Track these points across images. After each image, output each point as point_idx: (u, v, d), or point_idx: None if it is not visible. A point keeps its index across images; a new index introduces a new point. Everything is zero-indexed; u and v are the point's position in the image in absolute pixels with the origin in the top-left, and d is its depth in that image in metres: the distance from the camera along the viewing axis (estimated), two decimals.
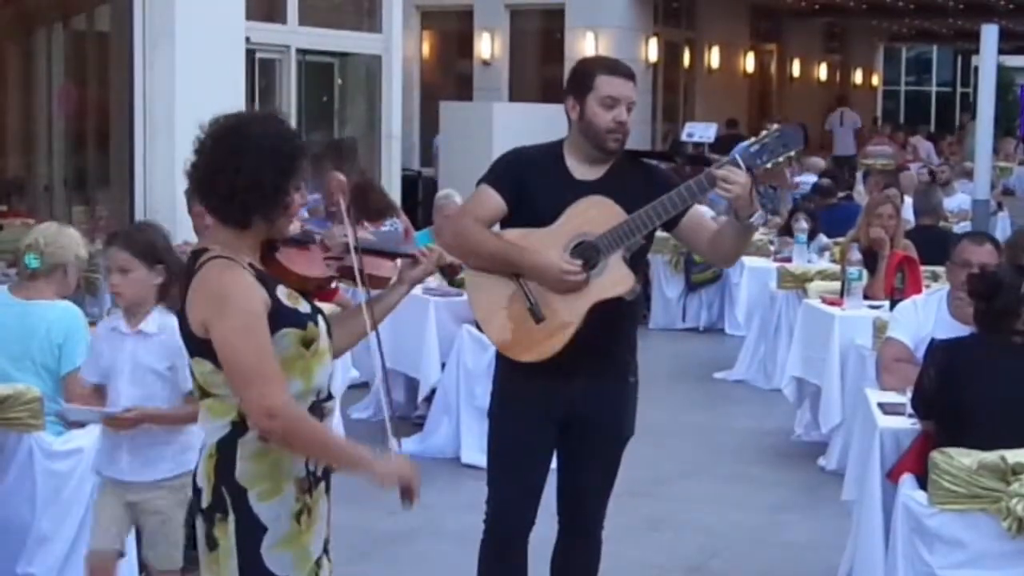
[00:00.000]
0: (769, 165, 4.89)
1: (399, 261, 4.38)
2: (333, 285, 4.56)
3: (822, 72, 32.47)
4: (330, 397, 4.03)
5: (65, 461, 6.10)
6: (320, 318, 3.96)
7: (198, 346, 3.83)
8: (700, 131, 19.97)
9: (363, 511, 6.93)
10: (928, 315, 6.75)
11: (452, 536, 7.28)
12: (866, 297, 9.06)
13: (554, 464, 5.22)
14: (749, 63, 27.61)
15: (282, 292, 3.87)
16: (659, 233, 5.11)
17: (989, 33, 12.36)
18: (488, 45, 22.72)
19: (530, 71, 23.28)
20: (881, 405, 6.22)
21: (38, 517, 6.05)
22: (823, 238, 12.48)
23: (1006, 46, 25.91)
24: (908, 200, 13.26)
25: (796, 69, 30.41)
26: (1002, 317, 5.58)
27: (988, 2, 26.34)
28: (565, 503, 5.26)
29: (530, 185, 4.99)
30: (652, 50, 23.20)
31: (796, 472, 8.91)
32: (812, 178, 17.64)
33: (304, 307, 3.92)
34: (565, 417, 5.07)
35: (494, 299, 4.97)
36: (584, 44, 21.41)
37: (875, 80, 37.20)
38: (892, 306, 7.94)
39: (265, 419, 3.74)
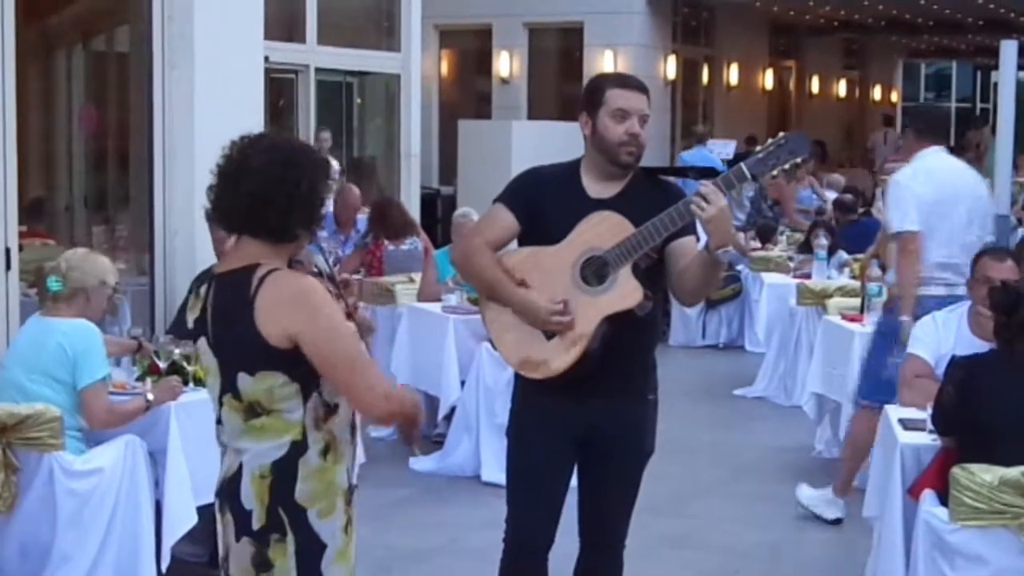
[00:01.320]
0: (775, 172, 4.84)
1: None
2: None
3: (841, 88, 32.42)
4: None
5: (86, 480, 6.13)
6: None
7: (270, 359, 3.85)
8: (719, 148, 19.97)
9: (384, 529, 6.94)
10: (949, 331, 6.74)
11: (473, 554, 7.27)
12: None
13: (575, 482, 5.23)
14: (768, 80, 27.60)
15: None
16: None
17: (1008, 49, 12.33)
18: (507, 63, 22.73)
19: (549, 89, 23.29)
20: (902, 421, 6.21)
21: (59, 536, 6.09)
22: (843, 254, 12.46)
23: None
24: None
25: (815, 86, 30.37)
26: (1022, 331, 5.57)
27: (1007, 18, 26.30)
28: (586, 521, 5.25)
29: (545, 204, 5.00)
30: (671, 67, 23.20)
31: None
32: (833, 195, 17.64)
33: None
34: (584, 435, 5.07)
35: (507, 317, 4.99)
36: (603, 62, 21.41)
37: (894, 96, 37.12)
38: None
39: (385, 402, 3.91)
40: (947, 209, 7.70)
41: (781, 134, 4.91)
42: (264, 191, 3.85)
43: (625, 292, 4.85)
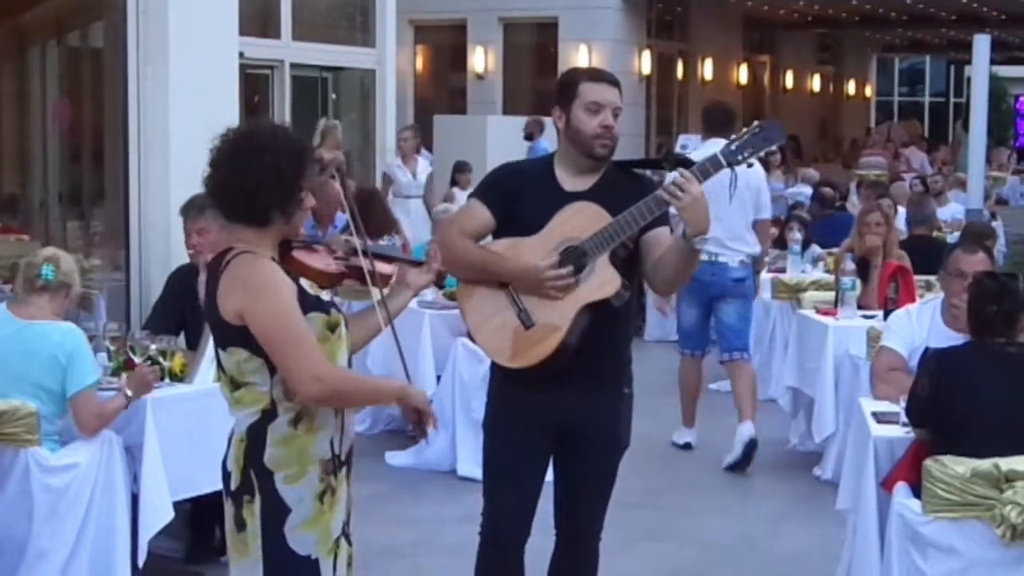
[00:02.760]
0: (752, 160, 4.85)
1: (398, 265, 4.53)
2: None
3: (815, 83, 32.51)
4: None
5: (62, 475, 6.12)
6: (336, 308, 4.20)
7: (231, 336, 4.04)
8: (694, 143, 19.98)
9: (360, 524, 6.91)
10: (922, 324, 6.77)
11: (449, 549, 7.29)
12: (860, 307, 9.08)
13: (551, 476, 5.24)
14: (742, 75, 27.67)
15: (304, 283, 4.12)
16: None
17: (981, 43, 12.41)
18: (482, 59, 22.75)
19: (524, 84, 23.32)
20: (875, 414, 6.23)
21: (35, 532, 6.07)
22: (816, 248, 12.47)
23: (998, 56, 25.96)
24: (901, 210, 13.26)
25: (789, 80, 30.46)
26: (1005, 321, 5.61)
27: (980, 13, 26.41)
28: (562, 514, 5.25)
29: (520, 198, 5.01)
30: (645, 62, 23.24)
31: (792, 482, 8.93)
32: (806, 189, 17.69)
33: (325, 296, 4.18)
34: (559, 429, 5.08)
35: (485, 307, 5.00)
36: (577, 57, 21.45)
37: (868, 91, 37.26)
38: (886, 316, 7.96)
39: (316, 384, 3.97)
40: None
41: (756, 122, 4.92)
42: (230, 177, 4.04)
43: (603, 281, 4.86)
